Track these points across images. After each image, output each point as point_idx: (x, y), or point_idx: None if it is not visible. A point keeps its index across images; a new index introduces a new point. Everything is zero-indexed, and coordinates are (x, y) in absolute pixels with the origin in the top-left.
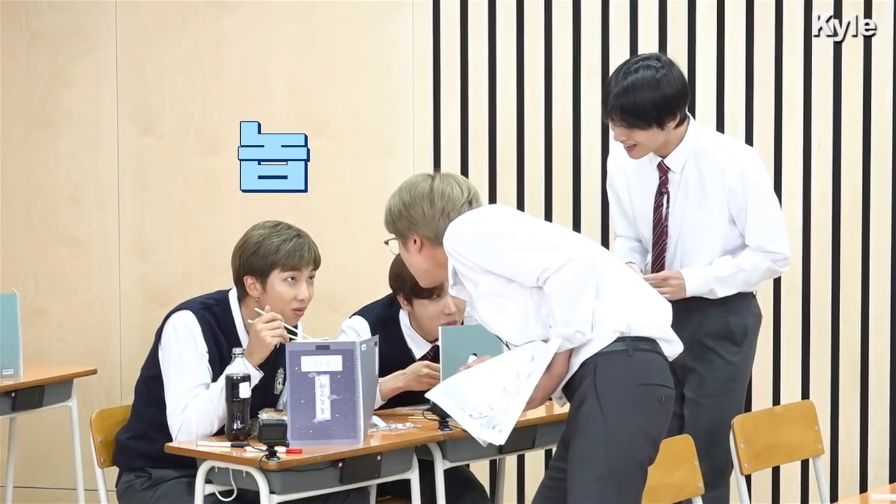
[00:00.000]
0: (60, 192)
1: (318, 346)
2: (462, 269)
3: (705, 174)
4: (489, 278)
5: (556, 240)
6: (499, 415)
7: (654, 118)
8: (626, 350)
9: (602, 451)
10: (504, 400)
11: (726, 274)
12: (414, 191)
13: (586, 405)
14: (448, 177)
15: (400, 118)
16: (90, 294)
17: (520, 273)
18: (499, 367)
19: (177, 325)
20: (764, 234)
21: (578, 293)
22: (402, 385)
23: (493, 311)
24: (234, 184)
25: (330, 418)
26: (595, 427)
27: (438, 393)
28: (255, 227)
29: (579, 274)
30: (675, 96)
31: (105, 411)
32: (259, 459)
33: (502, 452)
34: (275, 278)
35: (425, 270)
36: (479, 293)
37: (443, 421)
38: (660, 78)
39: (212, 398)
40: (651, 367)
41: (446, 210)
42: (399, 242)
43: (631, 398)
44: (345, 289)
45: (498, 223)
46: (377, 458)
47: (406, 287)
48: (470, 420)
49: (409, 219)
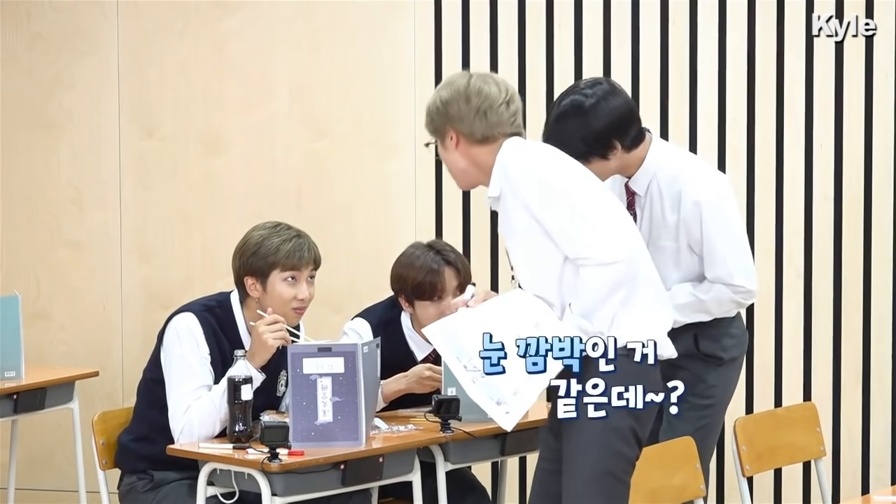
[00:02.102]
0: (62, 194)
1: (319, 348)
2: (509, 198)
3: (665, 200)
4: (532, 223)
5: (615, 229)
6: (500, 384)
7: (587, 152)
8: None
9: (595, 451)
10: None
11: (682, 302)
12: (451, 87)
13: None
14: (486, 75)
15: (402, 120)
16: (92, 296)
17: (564, 242)
18: (500, 317)
19: (178, 327)
20: (722, 267)
21: (610, 295)
22: (403, 387)
23: (522, 253)
24: (235, 185)
25: (332, 420)
26: (591, 427)
27: (435, 330)
28: (256, 227)
29: (619, 278)
30: (606, 128)
31: (107, 413)
32: (261, 461)
33: (503, 454)
34: (275, 278)
35: (462, 170)
36: (516, 229)
37: (445, 423)
38: (588, 108)
39: (214, 400)
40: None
41: (482, 108)
42: (437, 142)
43: None
44: (347, 291)
45: (569, 177)
46: (379, 460)
47: (408, 289)
48: (463, 372)
49: (445, 114)
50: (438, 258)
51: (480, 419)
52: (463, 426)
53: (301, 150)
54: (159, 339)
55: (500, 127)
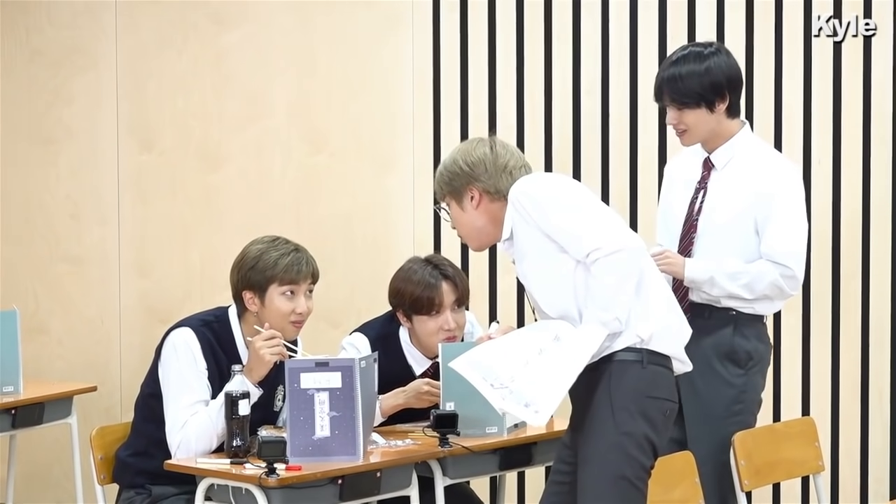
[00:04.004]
0: (60, 209)
1: (317, 363)
2: (520, 225)
3: (742, 177)
4: (542, 241)
5: (616, 226)
6: (526, 390)
7: (701, 96)
8: (640, 361)
9: (613, 454)
10: (527, 374)
11: (730, 270)
12: (474, 151)
13: (599, 409)
14: (501, 140)
15: (400, 134)
16: (90, 311)
17: (572, 243)
18: (522, 340)
19: (176, 342)
20: (778, 245)
21: (622, 282)
22: (402, 402)
23: (534, 272)
24: (234, 200)
25: (329, 435)
26: (607, 432)
27: (461, 363)
28: (254, 241)
29: (628, 264)
30: (722, 79)
31: (105, 428)
32: (258, 476)
33: (501, 469)
34: (273, 292)
35: (479, 229)
36: (527, 251)
37: (443, 438)
38: (707, 55)
39: (211, 415)
40: (661, 382)
41: (509, 167)
42: (450, 204)
43: (640, 408)
44: (345, 305)
45: (567, 191)
46: (377, 475)
47: (405, 303)
48: (491, 390)
49: (469, 175)
50: (436, 272)
51: (479, 434)
52: (461, 441)
53: (299, 164)
54: (157, 354)
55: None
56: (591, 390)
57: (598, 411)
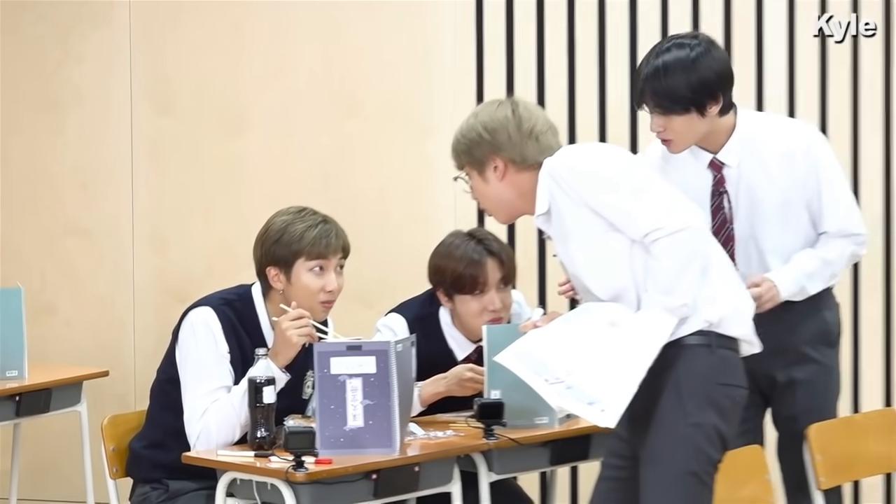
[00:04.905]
0: (69, 179)
1: (349, 347)
2: (562, 202)
3: (769, 163)
4: (589, 218)
5: (675, 202)
6: (588, 385)
7: (691, 101)
8: (709, 346)
9: (681, 449)
10: (586, 366)
11: (813, 269)
12: (494, 115)
13: (665, 398)
14: (527, 103)
15: (440, 96)
16: (101, 289)
17: (627, 223)
18: (574, 328)
19: (195, 322)
20: (843, 216)
21: (687, 264)
22: (442, 390)
23: (583, 253)
24: (258, 168)
25: (363, 425)
26: (674, 423)
27: (508, 357)
28: (279, 213)
29: (692, 244)
30: (713, 78)
31: (118, 417)
32: (285, 470)
33: (553, 463)
34: (300, 268)
35: (507, 202)
36: (573, 231)
37: (488, 429)
38: (695, 57)
39: (233, 403)
40: (731, 367)
41: (534, 132)
42: (471, 175)
43: (710, 396)
44: (380, 284)
45: (615, 163)
46: (415, 469)
47: (447, 281)
48: (546, 386)
49: (491, 143)
50: (480, 248)
51: (527, 425)
52: (508, 432)
53: (330, 129)
54: (174, 336)
55: (549, 151)
56: (654, 378)
57: (663, 401)
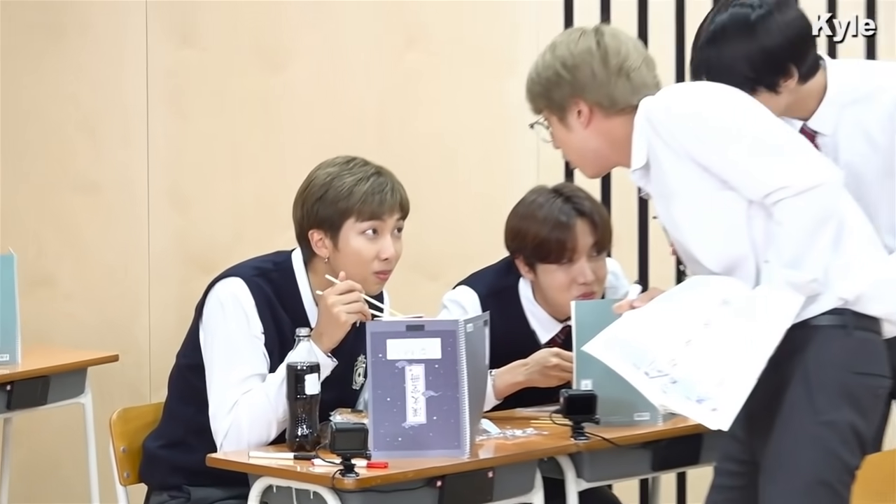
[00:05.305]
0: (70, 122)
1: (409, 327)
2: (663, 154)
3: (870, 125)
4: (696, 173)
5: (805, 153)
6: (697, 379)
7: (756, 80)
8: (844, 327)
9: (810, 453)
10: (693, 356)
11: None
12: (574, 48)
13: (790, 392)
14: (614, 31)
15: (521, 27)
16: (110, 256)
17: (744, 181)
18: (678, 308)
19: (223, 297)
20: None
21: (818, 230)
22: (522, 380)
23: (689, 216)
24: (299, 111)
25: (425, 422)
26: (802, 421)
27: (599, 345)
28: (322, 165)
29: (826, 206)
30: (784, 47)
31: (129, 411)
32: (331, 476)
33: (655, 469)
34: (349, 231)
35: (594, 153)
36: (677, 189)
37: (577, 427)
38: (755, 21)
39: (268, 394)
40: (871, 353)
41: (625, 68)
42: (551, 121)
43: (846, 389)
44: (446, 250)
45: (728, 105)
46: (488, 476)
47: (528, 248)
48: (646, 380)
49: (572, 83)
50: (569, 207)
51: (625, 422)
52: (602, 431)
53: (387, 64)
54: (198, 314)
55: (644, 90)
56: (777, 368)
57: (788, 395)
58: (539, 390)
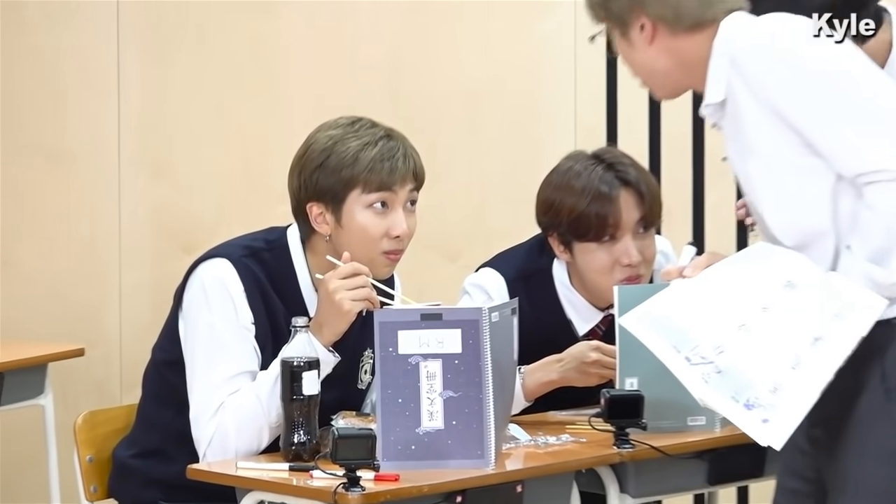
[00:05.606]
0: (26, 75)
1: (423, 316)
2: (741, 98)
3: None
4: (781, 132)
5: None
6: (750, 376)
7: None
8: None
9: (887, 468)
10: (746, 345)
11: None
12: None
13: (866, 400)
14: None
15: None
16: (76, 232)
17: (839, 152)
18: (733, 285)
19: (206, 281)
20: None
21: None
22: (556, 378)
23: (765, 178)
24: (296, 59)
25: (443, 427)
26: (880, 435)
27: (633, 320)
28: (323, 126)
29: None
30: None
31: (97, 414)
32: (333, 490)
33: (712, 482)
34: (354, 204)
35: (663, 74)
36: (755, 145)
37: (621, 433)
38: None
39: (259, 395)
40: None
41: None
42: (613, 35)
43: None
44: (467, 227)
45: (843, 64)
46: (517, 490)
47: (563, 224)
48: (687, 367)
49: None
50: (611, 176)
51: (677, 427)
52: (649, 438)
53: (398, 4)
54: (177, 301)
55: (721, 3)
56: (851, 372)
57: (863, 404)
58: (576, 390)
